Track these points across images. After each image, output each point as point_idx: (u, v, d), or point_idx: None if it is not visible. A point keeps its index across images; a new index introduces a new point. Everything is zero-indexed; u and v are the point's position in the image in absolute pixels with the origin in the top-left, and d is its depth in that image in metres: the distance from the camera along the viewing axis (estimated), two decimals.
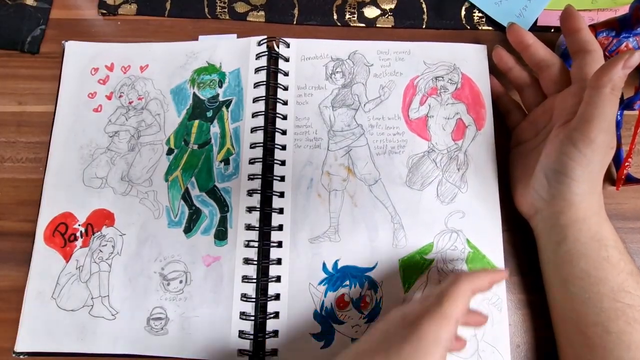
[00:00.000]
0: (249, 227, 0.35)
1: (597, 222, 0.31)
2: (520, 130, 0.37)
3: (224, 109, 0.39)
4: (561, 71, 0.34)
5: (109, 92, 0.40)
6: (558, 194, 0.31)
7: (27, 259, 0.36)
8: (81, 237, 0.36)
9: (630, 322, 0.29)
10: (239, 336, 0.33)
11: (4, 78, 0.40)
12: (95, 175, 0.38)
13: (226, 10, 0.42)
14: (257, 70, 0.39)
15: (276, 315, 0.34)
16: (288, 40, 0.40)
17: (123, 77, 0.40)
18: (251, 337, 0.33)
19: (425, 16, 0.42)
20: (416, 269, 0.35)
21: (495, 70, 0.39)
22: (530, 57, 0.35)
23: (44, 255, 0.36)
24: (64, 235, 0.36)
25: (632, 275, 0.30)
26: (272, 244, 0.35)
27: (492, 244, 0.35)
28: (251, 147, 0.37)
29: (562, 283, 0.32)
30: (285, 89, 0.39)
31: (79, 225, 0.37)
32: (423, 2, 0.43)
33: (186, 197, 0.37)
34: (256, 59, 0.39)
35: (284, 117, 0.38)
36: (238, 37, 0.41)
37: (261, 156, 0.37)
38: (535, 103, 0.36)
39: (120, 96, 0.39)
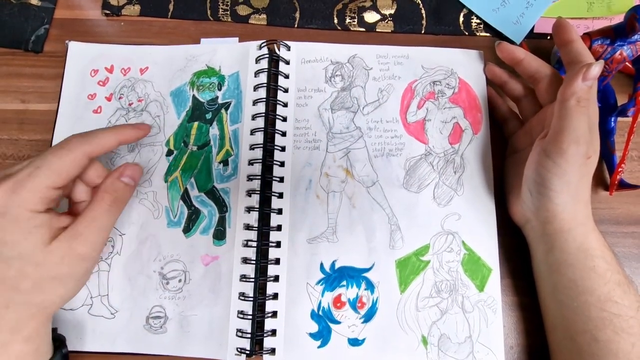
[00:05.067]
0: (247, 227, 0.36)
1: (583, 232, 0.31)
2: (516, 139, 0.37)
3: (222, 111, 0.39)
4: (555, 81, 0.34)
5: (109, 94, 0.40)
6: (540, 204, 0.32)
7: None
8: None
9: (617, 332, 0.29)
10: (237, 335, 0.34)
11: (8, 76, 0.41)
12: None
13: (228, 12, 0.43)
14: (257, 72, 0.39)
15: (274, 314, 0.34)
16: (289, 43, 0.41)
17: (123, 79, 0.40)
18: (249, 335, 0.34)
19: (424, 22, 0.43)
20: (412, 270, 0.35)
21: None
22: (523, 70, 0.36)
23: None
24: None
25: (620, 285, 0.30)
26: (270, 244, 0.36)
27: (487, 246, 0.36)
28: (251, 149, 0.37)
29: (551, 291, 0.32)
30: (286, 91, 0.39)
31: None
32: (422, 8, 0.43)
33: (185, 198, 0.37)
34: (256, 62, 0.39)
35: (284, 119, 0.39)
36: (240, 39, 0.42)
37: (261, 157, 0.37)
38: (532, 113, 0.36)
39: (120, 98, 0.40)
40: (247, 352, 0.33)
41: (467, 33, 0.42)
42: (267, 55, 0.39)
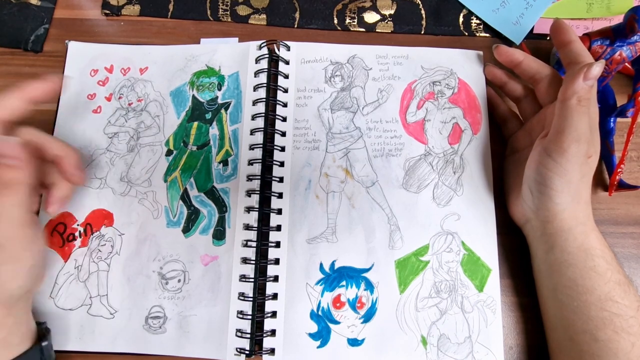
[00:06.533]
0: (247, 227, 0.36)
1: (583, 232, 0.31)
2: (516, 139, 0.37)
3: (222, 111, 0.39)
4: (555, 82, 0.34)
5: (109, 94, 0.40)
6: (541, 204, 0.32)
7: None
8: (80, 236, 0.36)
9: (617, 331, 0.29)
10: (237, 335, 0.34)
11: (7, 76, 0.41)
12: (94, 175, 0.38)
13: (228, 12, 0.43)
14: (257, 73, 0.39)
15: (274, 314, 0.34)
16: (288, 43, 0.41)
17: (122, 78, 0.40)
18: (248, 335, 0.34)
19: (424, 22, 0.43)
20: (412, 270, 0.35)
21: None
22: (523, 72, 0.36)
23: None
24: (62, 235, 0.36)
25: (620, 284, 0.30)
26: (270, 244, 0.36)
27: (486, 246, 0.36)
28: (251, 149, 0.37)
29: (551, 291, 0.32)
30: (285, 91, 0.39)
31: (78, 225, 0.37)
32: (422, 9, 0.43)
33: (185, 198, 0.37)
34: (256, 62, 0.39)
35: (284, 119, 0.39)
36: (240, 40, 0.42)
37: (260, 157, 0.37)
38: (532, 113, 0.36)
39: (120, 97, 0.40)
40: (247, 352, 0.33)
41: (466, 33, 0.42)
42: (267, 56, 0.39)
